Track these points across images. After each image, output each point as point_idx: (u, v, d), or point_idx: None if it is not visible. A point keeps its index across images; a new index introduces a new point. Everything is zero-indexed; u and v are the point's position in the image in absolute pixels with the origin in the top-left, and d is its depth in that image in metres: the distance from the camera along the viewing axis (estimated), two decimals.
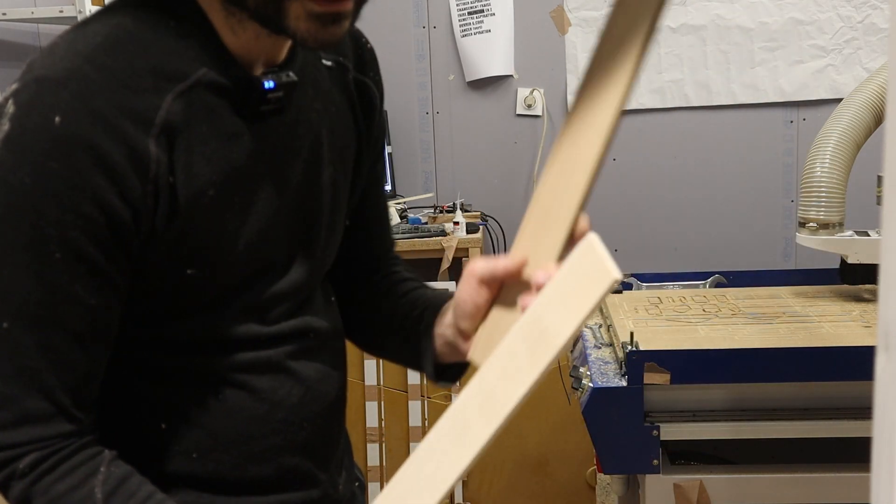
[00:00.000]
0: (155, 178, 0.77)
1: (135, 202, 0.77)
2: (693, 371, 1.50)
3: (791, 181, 3.26)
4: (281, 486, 0.93)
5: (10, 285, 0.75)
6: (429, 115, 3.37)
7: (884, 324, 0.42)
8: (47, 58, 0.77)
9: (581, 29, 3.27)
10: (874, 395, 0.44)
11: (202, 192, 0.81)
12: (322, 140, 0.92)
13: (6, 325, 0.76)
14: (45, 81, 0.75)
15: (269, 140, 0.86)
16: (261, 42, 0.83)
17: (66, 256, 0.75)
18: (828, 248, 1.80)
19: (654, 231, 3.36)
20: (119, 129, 0.75)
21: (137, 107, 0.76)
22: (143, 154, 0.76)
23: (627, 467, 1.59)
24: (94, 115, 0.74)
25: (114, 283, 0.79)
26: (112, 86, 0.76)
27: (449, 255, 2.92)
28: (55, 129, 0.73)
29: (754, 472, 1.59)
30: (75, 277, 0.76)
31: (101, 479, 0.79)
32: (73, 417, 0.80)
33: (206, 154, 0.81)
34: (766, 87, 3.22)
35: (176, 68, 0.79)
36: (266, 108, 0.84)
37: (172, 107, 0.78)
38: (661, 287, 2.07)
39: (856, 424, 1.50)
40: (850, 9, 3.15)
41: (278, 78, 0.84)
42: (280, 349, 0.92)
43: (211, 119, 0.81)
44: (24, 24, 3.10)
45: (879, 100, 1.79)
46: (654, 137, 3.31)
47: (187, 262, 0.82)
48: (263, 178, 0.86)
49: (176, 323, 0.86)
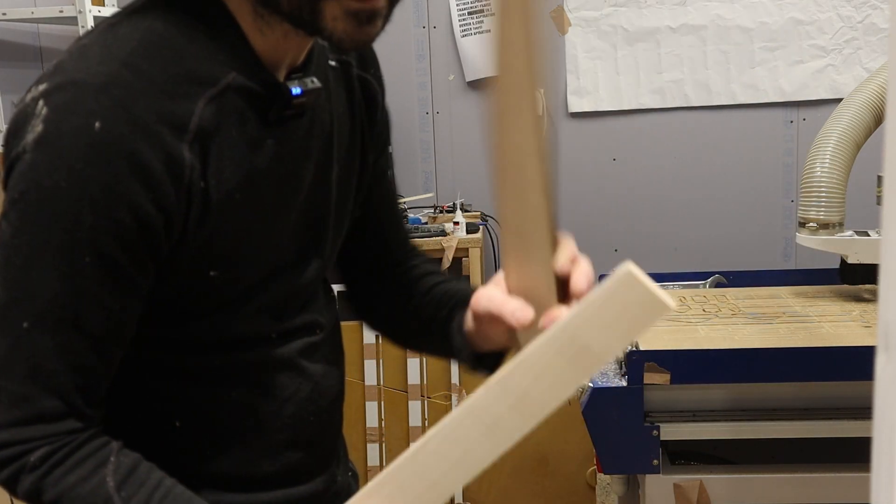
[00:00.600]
0: (189, 184, 0.78)
1: (168, 208, 0.77)
2: (693, 371, 1.50)
3: (791, 181, 3.26)
4: (286, 481, 0.95)
5: (36, 287, 0.76)
6: (429, 115, 3.37)
7: (884, 324, 0.42)
8: (81, 61, 0.77)
9: (581, 29, 3.27)
10: (874, 395, 0.44)
11: (230, 195, 0.81)
12: (332, 140, 0.93)
13: (26, 326, 0.76)
14: (82, 85, 0.75)
15: (288, 143, 0.87)
16: (288, 43, 0.83)
17: (96, 261, 0.76)
18: (828, 248, 1.80)
19: (654, 231, 3.36)
20: (158, 135, 0.75)
21: (174, 112, 0.77)
22: (179, 160, 0.77)
23: (627, 467, 1.59)
24: (134, 122, 0.74)
25: (137, 288, 0.80)
26: (151, 91, 0.76)
27: (449, 255, 2.92)
28: (95, 135, 0.73)
29: (754, 472, 1.59)
30: (102, 282, 0.77)
31: (111, 469, 0.79)
32: (84, 415, 0.80)
33: (234, 158, 0.81)
34: (766, 87, 3.22)
35: (207, 72, 0.80)
36: (289, 113, 0.85)
37: (204, 112, 0.78)
38: (660, 287, 2.07)
39: (856, 424, 1.50)
40: (850, 9, 3.15)
41: (304, 84, 0.85)
42: (291, 346, 0.93)
43: (240, 123, 0.82)
44: (24, 24, 3.10)
45: (879, 100, 1.79)
46: (654, 137, 3.31)
47: (212, 264, 0.83)
48: (281, 180, 0.87)
49: (192, 323, 0.87)
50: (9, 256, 0.76)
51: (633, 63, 3.27)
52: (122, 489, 0.79)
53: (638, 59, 3.26)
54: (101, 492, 0.78)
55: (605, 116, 3.32)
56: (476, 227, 3.10)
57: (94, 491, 0.78)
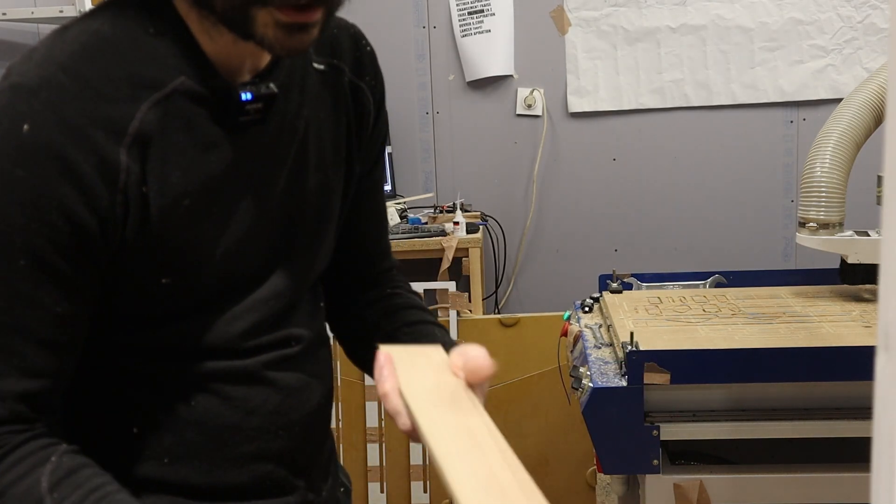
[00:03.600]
0: (125, 188, 0.77)
1: (102, 212, 0.76)
2: (693, 371, 1.50)
3: (791, 181, 3.26)
4: (255, 493, 0.92)
5: None
6: (429, 115, 3.37)
7: (884, 324, 0.42)
8: (24, 64, 0.77)
9: (581, 29, 3.27)
10: (874, 395, 0.44)
11: (177, 201, 0.80)
12: (308, 147, 0.90)
13: None
14: (18, 88, 0.74)
15: (249, 150, 0.85)
16: (239, 48, 0.81)
17: (31, 264, 0.75)
18: (828, 248, 1.80)
19: (654, 231, 3.36)
20: (89, 138, 0.74)
21: (110, 116, 0.76)
22: (114, 164, 0.76)
23: (627, 467, 1.59)
24: (63, 125, 0.73)
25: (81, 292, 0.79)
26: (85, 95, 0.75)
27: (449, 255, 2.92)
28: (23, 137, 0.73)
29: (754, 472, 1.59)
30: (39, 285, 0.75)
31: (48, 469, 0.76)
32: (28, 420, 0.78)
33: (181, 164, 0.80)
34: (766, 87, 3.22)
35: (153, 76, 0.79)
36: (245, 118, 0.83)
37: (147, 116, 0.77)
38: (661, 287, 2.07)
39: (856, 424, 1.50)
40: (850, 9, 3.15)
41: (257, 90, 0.83)
42: (257, 358, 0.90)
43: (188, 128, 0.80)
44: (24, 24, 3.10)
45: (879, 100, 1.79)
46: (654, 137, 3.31)
47: (161, 271, 0.82)
48: (243, 187, 0.85)
49: (151, 330, 0.85)
50: None
51: (633, 63, 3.27)
52: (55, 490, 0.76)
53: (638, 59, 3.26)
54: (33, 492, 0.76)
55: (605, 116, 3.32)
56: (476, 227, 3.10)
57: (28, 491, 0.76)
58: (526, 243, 3.41)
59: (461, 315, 2.72)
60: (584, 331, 1.82)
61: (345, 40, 0.96)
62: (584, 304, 2.00)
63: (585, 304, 2.00)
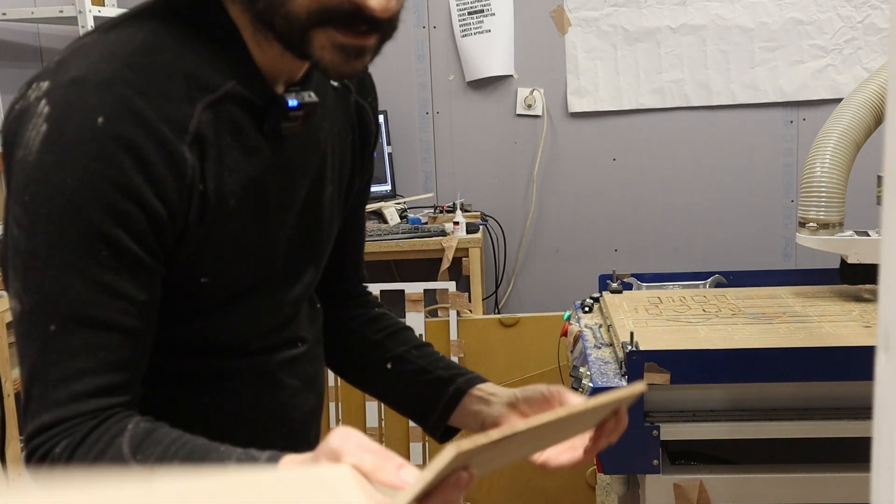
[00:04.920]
0: (190, 184, 0.79)
1: (171, 204, 0.78)
2: (693, 371, 1.50)
3: (791, 181, 3.26)
4: None
5: (57, 287, 0.76)
6: (429, 115, 3.37)
7: (884, 324, 0.42)
8: (82, 59, 0.78)
9: (581, 29, 3.27)
10: (874, 395, 0.44)
11: (226, 201, 0.83)
12: (326, 159, 0.94)
13: (53, 328, 0.76)
14: (84, 82, 0.75)
15: (283, 156, 0.88)
16: (285, 60, 0.84)
17: (112, 254, 0.76)
18: (828, 248, 1.80)
19: (654, 231, 3.36)
20: (158, 132, 0.77)
21: (173, 113, 0.78)
22: (180, 159, 0.78)
23: (627, 467, 1.59)
24: (136, 118, 0.75)
25: (155, 280, 0.81)
26: (151, 91, 0.77)
27: (449, 255, 2.92)
28: (99, 130, 0.74)
29: (754, 472, 1.59)
30: (121, 274, 0.77)
31: (127, 437, 0.78)
32: (113, 405, 0.80)
33: (229, 165, 0.82)
34: (766, 87, 3.22)
35: (207, 79, 0.81)
36: (286, 125, 0.86)
37: (202, 116, 0.80)
38: (661, 287, 2.07)
39: (856, 424, 1.50)
40: (850, 9, 3.15)
41: (301, 97, 0.86)
42: (270, 358, 0.93)
43: (235, 131, 0.83)
44: (24, 24, 3.10)
45: (879, 100, 1.79)
46: (654, 137, 3.31)
47: (203, 269, 0.84)
48: (276, 193, 0.88)
49: (175, 326, 0.87)
50: (26, 262, 0.76)
51: (633, 63, 3.27)
52: (137, 453, 0.77)
53: (638, 59, 3.26)
54: (118, 460, 0.78)
55: (605, 116, 3.32)
56: (476, 227, 3.10)
57: (113, 460, 0.78)
58: (526, 243, 3.41)
59: (461, 315, 2.72)
60: (584, 331, 1.82)
61: None
62: (584, 304, 2.00)
63: (585, 304, 2.00)
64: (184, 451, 0.78)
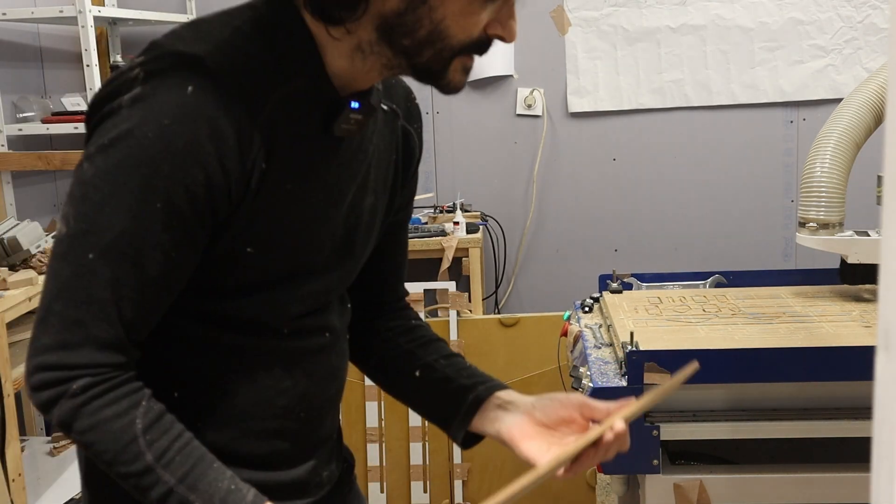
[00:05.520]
0: (254, 160, 0.87)
1: (233, 174, 0.86)
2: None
3: (791, 181, 3.26)
4: (271, 465, 1.01)
5: (107, 221, 0.83)
6: (429, 115, 3.37)
7: (884, 324, 0.42)
8: (174, 39, 0.87)
9: (581, 29, 3.27)
10: (874, 395, 0.44)
11: (282, 183, 0.90)
12: (370, 170, 1.02)
13: (92, 257, 0.83)
14: (178, 56, 0.85)
15: (339, 157, 0.96)
16: (353, 71, 0.93)
17: (166, 208, 0.84)
18: (828, 248, 1.80)
19: (654, 231, 3.36)
20: (237, 111, 0.85)
21: (251, 96, 0.86)
22: (249, 136, 0.86)
23: (627, 467, 1.59)
24: (220, 93, 0.84)
25: (194, 241, 0.88)
26: (236, 72, 0.86)
27: (449, 255, 2.92)
28: (187, 97, 0.83)
29: (754, 472, 1.59)
30: (167, 228, 0.84)
31: (142, 412, 0.86)
32: (126, 351, 0.87)
33: (292, 152, 0.90)
34: (766, 87, 3.22)
35: (282, 73, 0.89)
36: (346, 127, 0.94)
37: (276, 105, 0.88)
38: (661, 287, 2.07)
39: (856, 424, 1.50)
40: (850, 9, 3.15)
41: (363, 101, 0.94)
42: (299, 342, 1.00)
43: (302, 124, 0.91)
44: (24, 24, 3.10)
45: (879, 100, 1.79)
46: (654, 137, 3.31)
47: (250, 240, 0.91)
48: (326, 190, 0.96)
49: (216, 300, 0.94)
50: (86, 192, 0.84)
51: (633, 63, 3.27)
52: (147, 432, 0.86)
53: (638, 59, 3.27)
54: (130, 431, 0.85)
55: (605, 116, 3.32)
56: (476, 227, 3.10)
57: (124, 429, 0.85)
58: (526, 243, 3.41)
59: (461, 315, 2.72)
60: (584, 331, 1.82)
61: (400, 91, 1.10)
62: (584, 304, 2.00)
63: (585, 304, 2.00)
64: (182, 455, 0.87)
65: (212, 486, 0.87)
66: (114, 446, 0.85)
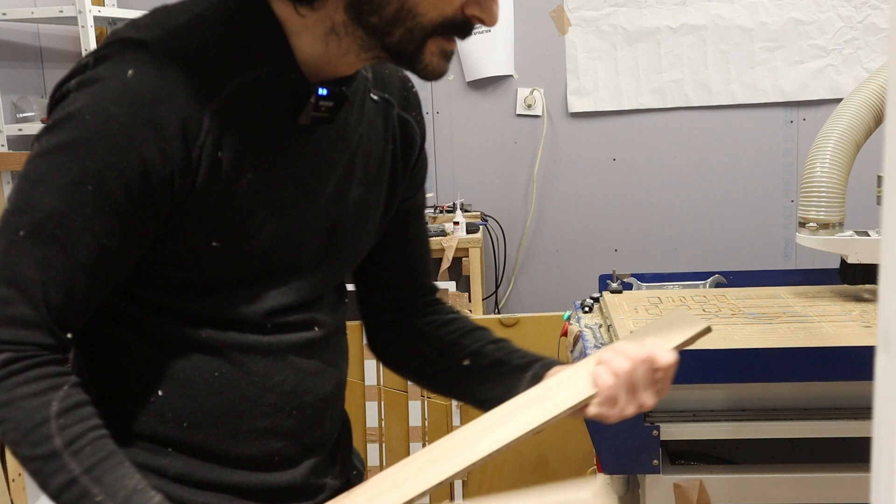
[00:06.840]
0: (202, 146, 0.85)
1: (176, 163, 0.84)
2: (693, 371, 1.50)
3: (791, 181, 3.26)
4: (265, 465, 0.98)
5: (40, 200, 0.83)
6: (429, 115, 3.36)
7: (884, 324, 0.43)
8: (131, 28, 0.87)
9: (581, 29, 3.27)
10: (874, 395, 0.44)
11: (242, 173, 0.88)
12: (356, 161, 0.99)
13: (22, 234, 0.83)
14: (126, 41, 0.85)
15: (310, 148, 0.93)
16: (346, 61, 0.91)
17: (97, 191, 0.83)
18: (828, 248, 1.80)
19: (654, 231, 3.36)
20: (179, 96, 0.83)
21: (202, 83, 0.85)
22: (196, 123, 0.84)
23: (627, 467, 1.59)
24: (162, 78, 0.83)
25: (131, 233, 0.86)
26: (185, 60, 0.85)
27: (449, 255, 2.92)
28: (127, 81, 0.82)
29: (754, 472, 1.59)
30: (98, 212, 0.83)
31: (60, 395, 0.84)
32: (54, 334, 0.85)
33: (253, 142, 0.88)
34: (766, 87, 3.22)
35: (246, 60, 0.88)
36: (316, 114, 0.91)
37: (234, 92, 0.86)
38: (661, 287, 2.07)
39: (856, 424, 1.50)
40: (850, 9, 3.15)
41: (332, 88, 0.91)
42: (282, 337, 0.97)
43: (266, 113, 0.89)
44: (24, 24, 3.10)
45: (879, 100, 1.79)
46: (654, 137, 3.31)
47: (214, 233, 0.89)
48: (299, 181, 0.93)
49: (192, 297, 0.92)
50: (28, 171, 0.84)
51: (633, 63, 3.27)
52: (61, 416, 0.83)
53: (638, 59, 3.26)
54: (43, 411, 0.82)
55: (605, 116, 3.32)
56: (476, 227, 3.10)
57: (38, 408, 0.83)
58: (526, 243, 3.41)
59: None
60: (584, 331, 1.82)
61: (394, 80, 1.06)
62: (584, 304, 2.00)
63: (585, 304, 2.00)
64: (94, 447, 0.83)
65: (118, 483, 0.83)
66: (23, 425, 0.82)
